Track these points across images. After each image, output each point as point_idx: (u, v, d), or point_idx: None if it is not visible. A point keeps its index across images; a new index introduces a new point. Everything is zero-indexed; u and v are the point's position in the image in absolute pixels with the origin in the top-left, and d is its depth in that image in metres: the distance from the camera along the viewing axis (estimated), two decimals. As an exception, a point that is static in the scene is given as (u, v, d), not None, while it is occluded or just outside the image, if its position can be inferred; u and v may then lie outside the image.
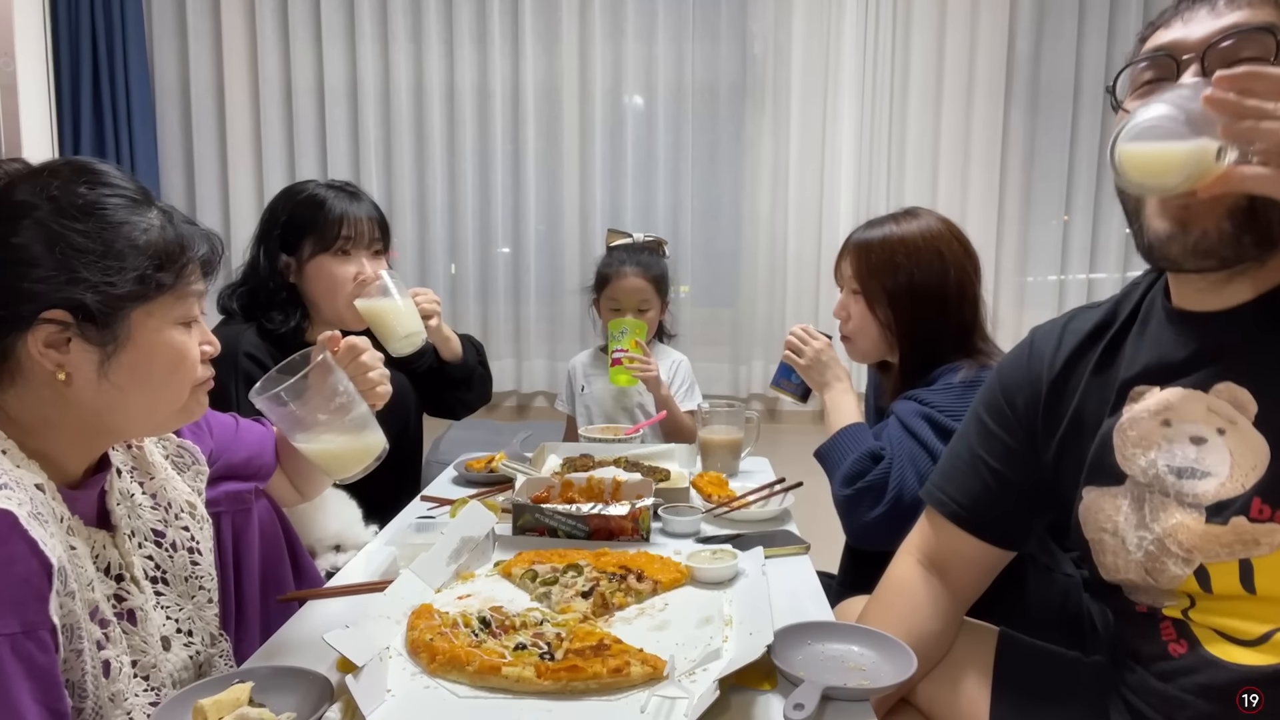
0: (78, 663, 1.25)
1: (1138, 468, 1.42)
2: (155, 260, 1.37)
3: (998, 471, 1.66)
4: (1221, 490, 1.33)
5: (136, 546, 1.51)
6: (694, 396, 3.56)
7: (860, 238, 2.39)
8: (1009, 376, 1.69)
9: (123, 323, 1.35)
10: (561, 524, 2.09)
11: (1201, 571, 1.36)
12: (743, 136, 4.42)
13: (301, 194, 2.65)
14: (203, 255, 1.45)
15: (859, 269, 2.37)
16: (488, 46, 4.36)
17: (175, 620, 1.55)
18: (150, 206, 1.41)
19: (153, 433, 1.61)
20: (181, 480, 1.67)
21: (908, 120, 4.28)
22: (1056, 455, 1.58)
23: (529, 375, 4.56)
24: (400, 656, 1.49)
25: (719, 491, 2.41)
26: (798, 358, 2.54)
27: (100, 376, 1.35)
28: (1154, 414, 1.40)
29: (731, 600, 1.74)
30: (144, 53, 4.39)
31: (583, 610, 1.66)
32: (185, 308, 1.43)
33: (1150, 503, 1.40)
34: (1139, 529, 1.42)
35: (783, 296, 4.41)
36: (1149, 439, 1.40)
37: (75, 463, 1.43)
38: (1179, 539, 1.36)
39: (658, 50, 4.34)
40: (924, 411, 2.17)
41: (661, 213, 4.43)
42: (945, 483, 1.74)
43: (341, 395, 1.66)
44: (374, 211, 2.70)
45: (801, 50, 4.27)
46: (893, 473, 2.13)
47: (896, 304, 2.32)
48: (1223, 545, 1.33)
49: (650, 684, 1.38)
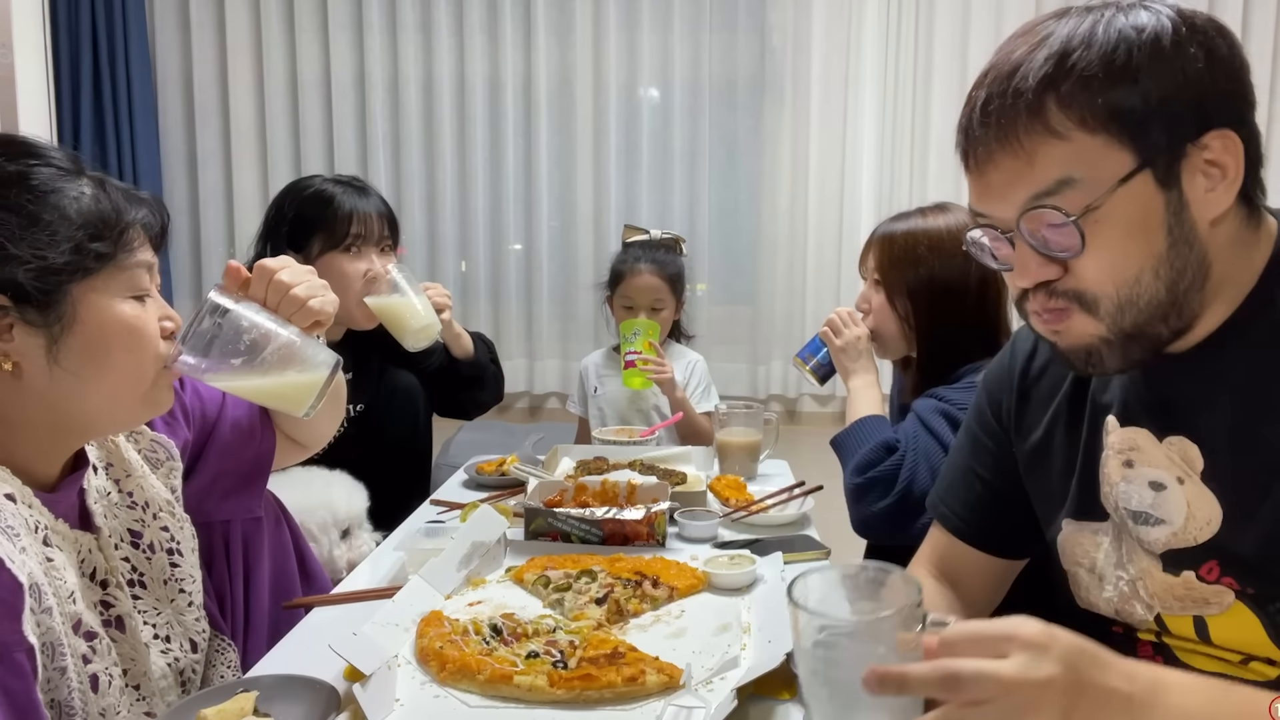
0: (62, 681, 1.23)
1: (1110, 505, 1.41)
2: (89, 229, 1.31)
3: (988, 482, 1.65)
4: (1173, 540, 1.31)
5: (113, 549, 1.49)
6: (710, 398, 3.55)
7: (885, 229, 2.39)
8: (992, 381, 1.68)
9: (65, 300, 1.30)
10: (575, 529, 2.09)
11: (1159, 619, 1.36)
12: (761, 130, 4.42)
13: (308, 189, 2.65)
14: (142, 220, 1.40)
15: (881, 260, 2.37)
16: (499, 38, 4.37)
17: (152, 626, 1.53)
18: (80, 175, 1.35)
19: (122, 425, 1.54)
20: (155, 477, 1.62)
21: (931, 113, 4.27)
22: (1027, 468, 1.57)
23: (541, 376, 4.57)
24: (409, 665, 1.49)
25: (737, 495, 2.40)
26: (834, 336, 2.53)
27: (51, 363, 1.30)
28: (1118, 452, 1.38)
29: (750, 607, 1.74)
30: (145, 44, 4.41)
31: (597, 617, 1.66)
32: (132, 279, 1.38)
33: (1126, 543, 1.39)
34: (1117, 568, 1.41)
35: (802, 295, 4.41)
36: (1112, 477, 1.39)
37: (45, 464, 1.40)
38: (1147, 583, 1.36)
39: (674, 42, 4.35)
40: (942, 408, 2.18)
41: (678, 209, 4.43)
42: (946, 495, 1.74)
43: (250, 330, 1.51)
44: (383, 207, 2.70)
45: (822, 41, 4.27)
46: (905, 465, 2.14)
47: (916, 297, 2.31)
48: (1175, 598, 1.32)
49: (666, 693, 1.38)
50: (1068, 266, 1.21)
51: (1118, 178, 1.16)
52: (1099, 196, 1.16)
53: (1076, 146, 1.17)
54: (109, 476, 1.54)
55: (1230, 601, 1.28)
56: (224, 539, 1.77)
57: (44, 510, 1.33)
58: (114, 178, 1.42)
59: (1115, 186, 1.16)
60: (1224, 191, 1.18)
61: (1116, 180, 1.16)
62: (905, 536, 2.09)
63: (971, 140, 1.24)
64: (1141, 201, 1.17)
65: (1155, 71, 1.14)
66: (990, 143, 1.22)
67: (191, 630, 1.60)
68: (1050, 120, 1.17)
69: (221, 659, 1.67)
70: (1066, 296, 1.24)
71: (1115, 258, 1.19)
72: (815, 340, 2.62)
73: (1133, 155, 1.16)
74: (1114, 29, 1.16)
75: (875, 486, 2.16)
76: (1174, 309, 1.22)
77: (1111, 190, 1.16)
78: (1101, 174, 1.16)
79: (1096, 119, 1.16)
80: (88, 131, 4.31)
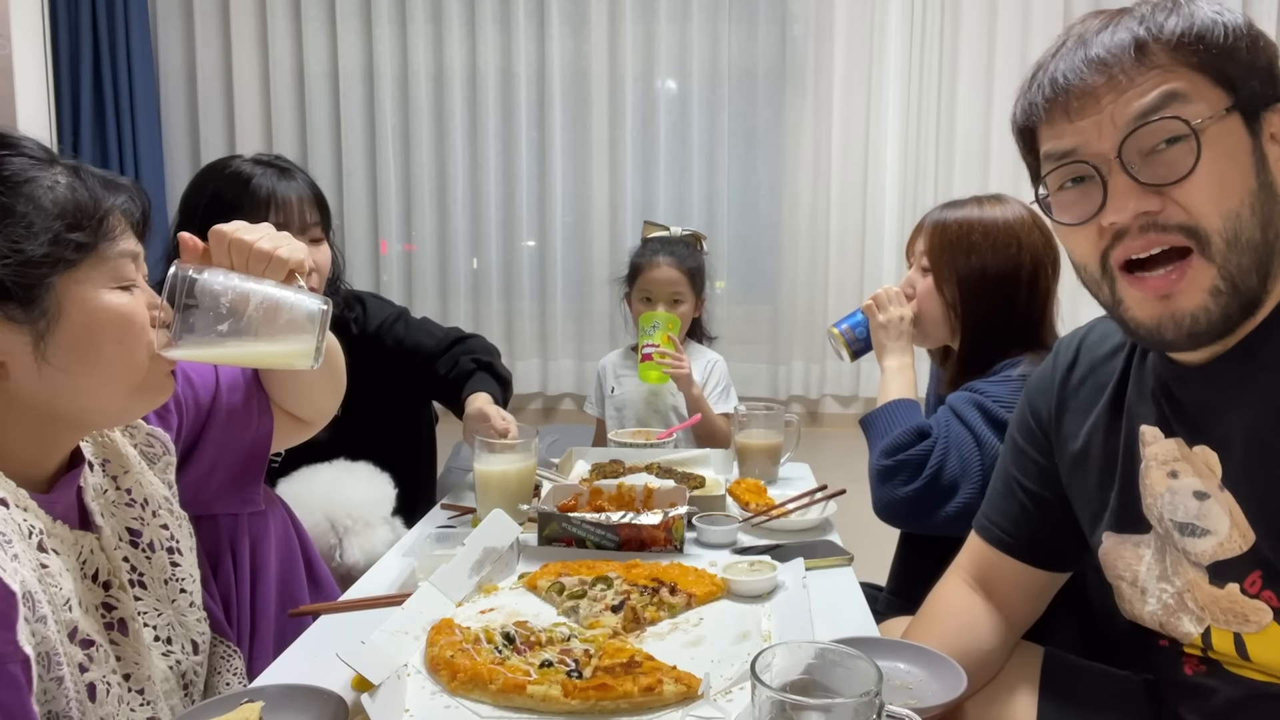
0: (60, 691, 1.23)
1: (1154, 517, 1.41)
2: (67, 219, 1.30)
3: (1032, 492, 1.66)
4: (1219, 550, 1.32)
5: (114, 548, 1.48)
6: (730, 399, 3.55)
7: (938, 216, 2.39)
8: (1035, 391, 1.68)
9: (48, 295, 1.29)
10: (590, 534, 2.09)
11: (1208, 632, 1.37)
12: (782, 123, 4.41)
13: (226, 170, 2.51)
14: (121, 206, 1.38)
15: (933, 246, 2.37)
16: (511, 27, 4.37)
17: (153, 628, 1.53)
18: (54, 164, 1.34)
19: (120, 418, 1.54)
20: (153, 473, 1.62)
21: (957, 105, 4.25)
22: (1069, 478, 1.58)
23: (555, 376, 4.57)
24: (419, 674, 1.49)
25: (757, 499, 2.40)
26: (878, 311, 2.52)
27: (39, 360, 1.30)
28: (1161, 463, 1.39)
29: (770, 615, 1.73)
30: (147, 34, 4.43)
31: (612, 625, 1.66)
32: (117, 269, 1.37)
33: (1170, 555, 1.40)
34: (1161, 580, 1.41)
35: (824, 293, 4.40)
36: (1156, 489, 1.40)
37: (39, 464, 1.40)
38: (1195, 594, 1.37)
39: (692, 31, 4.34)
40: (976, 400, 2.18)
41: (696, 204, 4.43)
42: (988, 506, 1.75)
43: (225, 292, 1.48)
44: (308, 190, 2.55)
45: (845, 30, 4.25)
46: (935, 452, 2.16)
47: (965, 286, 2.32)
48: (1222, 610, 1.33)
49: (684, 703, 1.38)
50: (1168, 198, 1.23)
51: (1222, 108, 1.21)
52: (1206, 120, 1.20)
53: (1180, 79, 1.22)
54: (106, 473, 1.53)
55: (1267, 621, 1.29)
56: (230, 542, 1.77)
57: (40, 513, 1.33)
58: (115, 172, 1.41)
59: (1222, 114, 1.21)
60: None
61: (1222, 109, 1.21)
62: (926, 524, 2.12)
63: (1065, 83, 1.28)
64: (1238, 137, 1.22)
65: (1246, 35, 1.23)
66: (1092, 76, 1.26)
67: (193, 631, 1.60)
68: (1155, 58, 1.23)
69: (227, 666, 1.68)
70: (1178, 232, 1.24)
71: (1222, 182, 1.22)
72: (857, 313, 2.62)
73: (1228, 95, 1.22)
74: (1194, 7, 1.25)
75: (903, 470, 2.18)
76: (1268, 258, 1.24)
77: (1218, 117, 1.21)
78: (1206, 102, 1.22)
79: (1199, 57, 1.22)
80: (88, 125, 4.32)
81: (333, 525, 2.30)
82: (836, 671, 1.15)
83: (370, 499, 2.37)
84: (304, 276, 1.64)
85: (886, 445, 2.23)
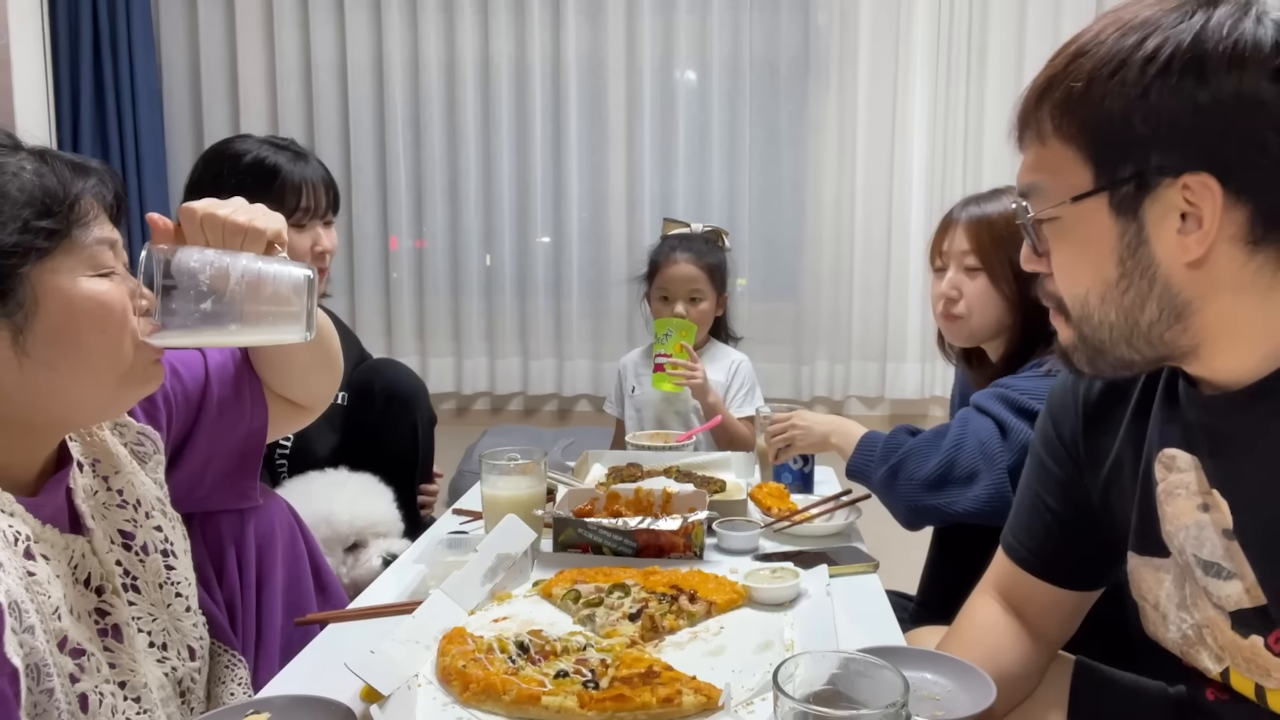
0: (50, 704, 1.23)
1: (1174, 546, 1.39)
2: (35, 206, 1.28)
3: (1055, 510, 1.64)
4: (1244, 598, 1.28)
5: (106, 551, 1.48)
6: (755, 400, 3.54)
7: (976, 212, 2.38)
8: (1056, 406, 1.66)
9: (22, 286, 1.27)
10: (607, 540, 2.09)
11: (1226, 671, 1.35)
12: (805, 116, 4.41)
13: (246, 156, 2.52)
14: (92, 190, 1.36)
15: (981, 243, 2.35)
16: (526, 16, 4.38)
17: (148, 633, 1.53)
18: (18, 150, 1.32)
19: (109, 412, 1.52)
20: (144, 473, 1.61)
21: (986, 96, 4.25)
22: (1103, 496, 1.56)
23: (571, 377, 4.57)
24: (430, 685, 1.49)
25: (779, 504, 2.39)
26: (788, 446, 2.58)
27: (19, 355, 1.28)
28: (1191, 494, 1.34)
29: (793, 623, 1.73)
30: (149, 24, 4.45)
31: (630, 634, 1.65)
32: (94, 257, 1.35)
33: (1190, 586, 1.37)
34: (1180, 609, 1.40)
35: (849, 290, 4.40)
36: (1181, 518, 1.36)
37: (23, 465, 1.39)
38: (1215, 634, 1.35)
39: (712, 21, 4.34)
40: (1000, 394, 2.20)
41: (716, 199, 4.43)
42: (1014, 526, 1.74)
43: (203, 268, 1.46)
44: (324, 174, 2.61)
45: (870, 20, 4.26)
46: (950, 434, 2.21)
47: (1024, 279, 2.31)
48: (1244, 658, 1.31)
49: (704, 714, 1.38)
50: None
51: (1073, 194, 1.20)
52: (1056, 208, 1.22)
53: (1051, 154, 1.23)
54: (96, 473, 1.53)
55: None
56: (235, 544, 1.77)
57: (28, 516, 1.32)
58: (115, 169, 1.41)
59: (1068, 202, 1.21)
60: (1197, 242, 1.14)
61: (1070, 196, 1.21)
62: (948, 513, 2.13)
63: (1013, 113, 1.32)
64: (1094, 224, 1.20)
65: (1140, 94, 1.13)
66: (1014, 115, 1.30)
67: (189, 637, 1.60)
68: (1041, 124, 1.24)
69: (231, 676, 1.68)
70: (1049, 295, 1.34)
71: (1067, 270, 1.27)
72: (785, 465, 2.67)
73: (1093, 176, 1.19)
74: (1129, 41, 1.15)
75: (906, 463, 2.23)
76: (1138, 338, 1.24)
77: (1066, 204, 1.22)
78: (1062, 185, 1.22)
79: (1070, 130, 1.20)
80: (88, 118, 4.34)
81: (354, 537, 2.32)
82: (862, 682, 1.14)
83: (391, 516, 2.39)
84: (283, 247, 1.63)
85: (881, 454, 2.28)
